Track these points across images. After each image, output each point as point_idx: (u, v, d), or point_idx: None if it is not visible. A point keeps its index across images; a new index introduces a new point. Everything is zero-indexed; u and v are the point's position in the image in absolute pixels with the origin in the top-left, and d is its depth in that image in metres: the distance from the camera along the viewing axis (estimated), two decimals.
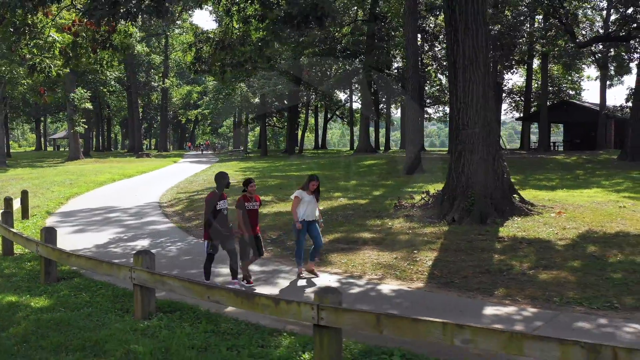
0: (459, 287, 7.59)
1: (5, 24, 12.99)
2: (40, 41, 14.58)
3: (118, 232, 12.66)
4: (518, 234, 10.14)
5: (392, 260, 9.02)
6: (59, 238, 8.82)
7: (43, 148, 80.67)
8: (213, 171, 29.51)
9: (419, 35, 37.97)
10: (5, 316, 6.56)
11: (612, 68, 39.86)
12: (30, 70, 15.09)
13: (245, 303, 5.36)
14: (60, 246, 8.52)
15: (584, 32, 38.00)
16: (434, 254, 9.21)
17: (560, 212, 12.03)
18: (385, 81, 46.04)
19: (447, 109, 46.61)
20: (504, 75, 45.75)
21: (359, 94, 54.41)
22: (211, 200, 7.66)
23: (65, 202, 18.56)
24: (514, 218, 11.34)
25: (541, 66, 41.90)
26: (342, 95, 60.43)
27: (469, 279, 7.84)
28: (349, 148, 65.34)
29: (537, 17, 36.31)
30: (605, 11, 38.17)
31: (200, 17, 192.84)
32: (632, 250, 8.76)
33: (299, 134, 59.77)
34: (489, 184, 11.77)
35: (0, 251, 10.64)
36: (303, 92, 49.73)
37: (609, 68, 39.72)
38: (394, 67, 46.75)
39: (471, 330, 4.02)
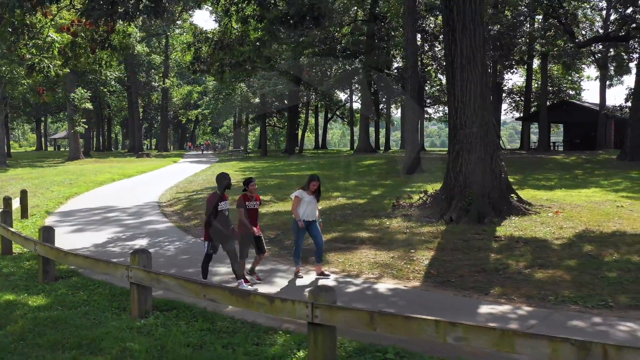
0: (455, 286, 7.63)
1: (4, 24, 13.02)
2: (39, 41, 14.61)
3: (117, 232, 12.69)
4: (515, 233, 10.17)
5: (389, 259, 9.06)
6: (58, 237, 8.86)
7: (43, 148, 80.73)
8: (213, 171, 29.57)
9: (419, 35, 38.04)
10: (3, 314, 6.59)
11: (612, 68, 39.83)
12: (29, 70, 15.15)
13: (241, 301, 5.39)
14: (59, 245, 8.56)
15: (583, 32, 38.00)
16: (431, 253, 9.24)
17: (557, 211, 12.05)
18: (385, 81, 46.05)
19: (447, 109, 46.61)
20: (504, 75, 45.78)
21: (359, 94, 54.41)
22: (212, 201, 7.69)
23: (64, 201, 18.60)
24: (512, 217, 11.38)
25: (541, 66, 41.93)
26: (342, 95, 60.51)
27: (465, 278, 7.87)
28: (349, 148, 65.34)
29: (537, 17, 36.30)
30: (605, 11, 38.24)
31: (201, 17, 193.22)
32: (628, 250, 8.79)
33: (299, 134, 59.73)
34: (487, 183, 11.79)
35: None
36: (303, 92, 49.75)
37: (608, 68, 39.70)
38: (393, 67, 46.74)
39: (463, 328, 4.04)
